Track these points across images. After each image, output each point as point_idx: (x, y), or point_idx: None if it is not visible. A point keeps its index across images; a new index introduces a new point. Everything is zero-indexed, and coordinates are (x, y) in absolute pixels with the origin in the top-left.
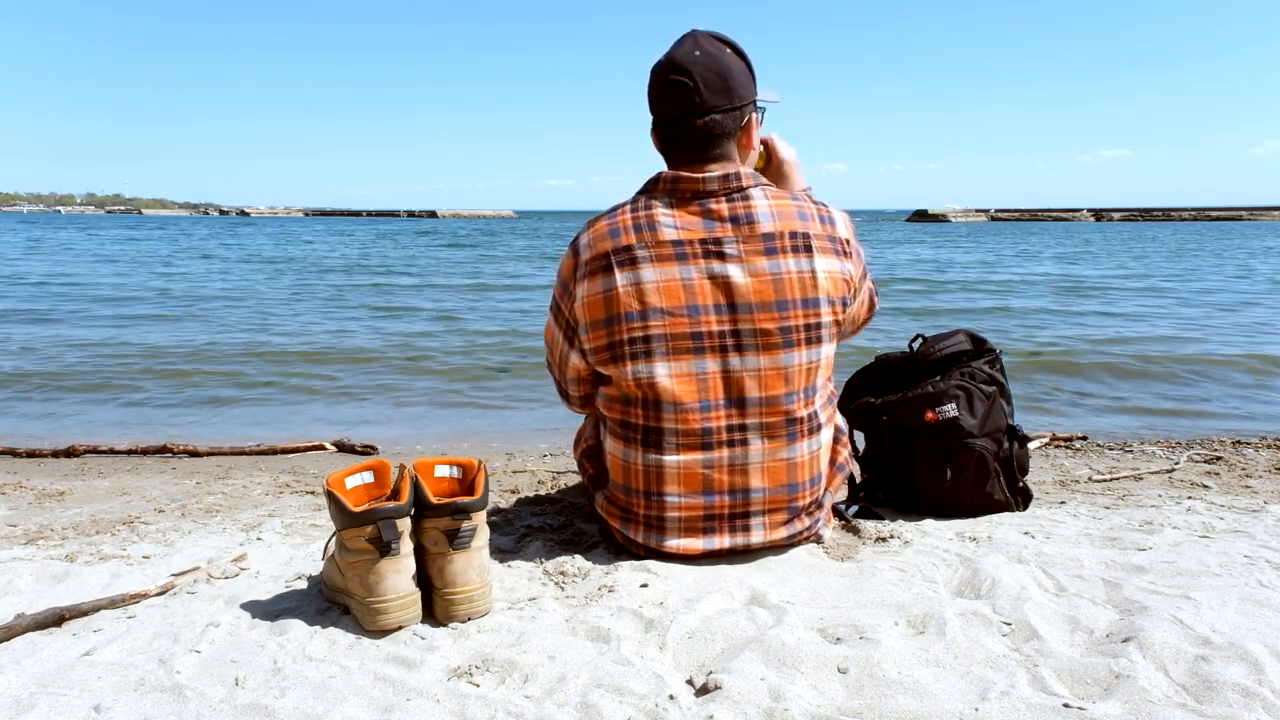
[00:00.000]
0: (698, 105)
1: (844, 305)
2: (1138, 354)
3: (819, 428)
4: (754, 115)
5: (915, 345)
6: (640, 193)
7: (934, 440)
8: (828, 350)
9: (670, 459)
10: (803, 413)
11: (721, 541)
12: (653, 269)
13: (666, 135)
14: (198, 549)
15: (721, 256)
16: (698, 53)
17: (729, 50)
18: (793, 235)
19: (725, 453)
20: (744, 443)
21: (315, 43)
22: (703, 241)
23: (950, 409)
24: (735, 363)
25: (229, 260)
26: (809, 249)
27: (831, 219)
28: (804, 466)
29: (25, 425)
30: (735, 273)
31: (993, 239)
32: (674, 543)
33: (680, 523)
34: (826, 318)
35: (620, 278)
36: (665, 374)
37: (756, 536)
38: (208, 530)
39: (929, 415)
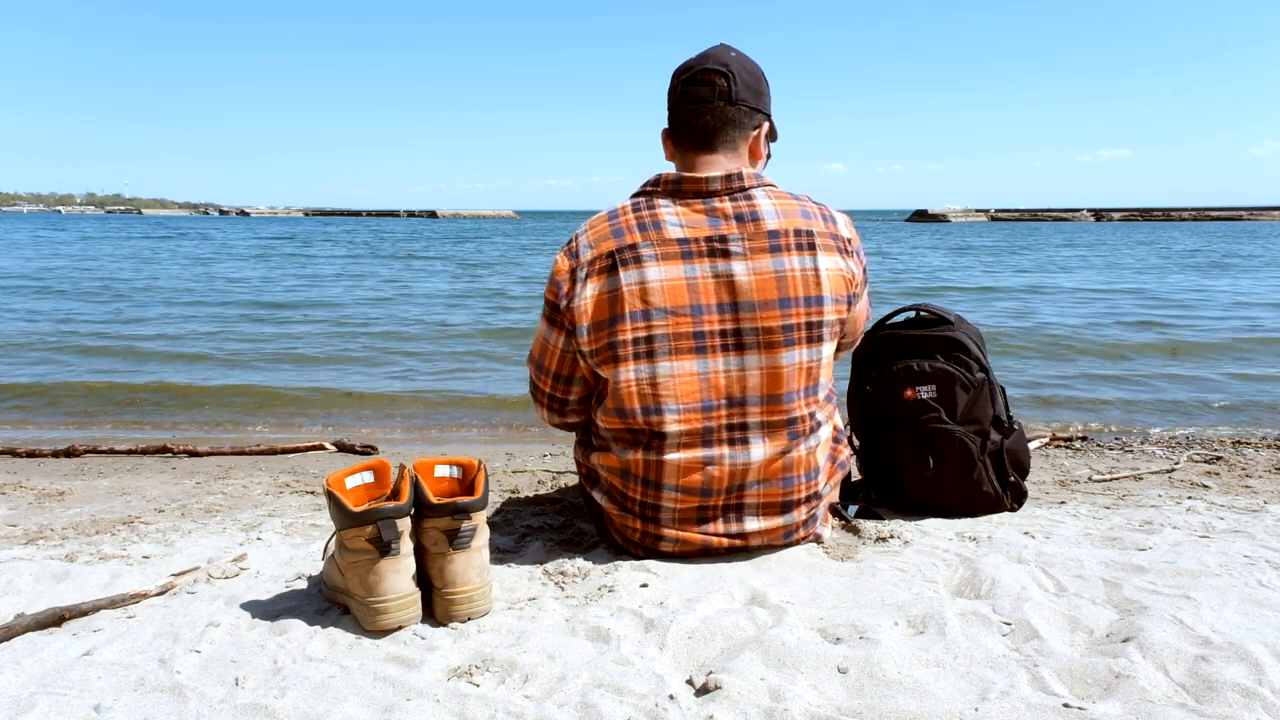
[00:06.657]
0: (730, 94)
1: (848, 304)
2: None
3: (818, 426)
4: (765, 129)
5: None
6: (639, 193)
7: (913, 430)
8: (828, 349)
9: (670, 457)
10: (803, 411)
11: (715, 528)
12: (658, 268)
13: (687, 125)
14: (198, 549)
15: (726, 255)
16: (734, 54)
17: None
18: (797, 233)
19: (726, 450)
20: (744, 441)
21: (316, 42)
22: (708, 239)
23: (927, 390)
24: (736, 362)
25: None
26: (813, 246)
27: (833, 219)
28: (800, 462)
29: None
30: (740, 270)
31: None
32: (670, 532)
33: (675, 514)
34: (830, 316)
35: (625, 277)
36: (668, 373)
37: (751, 525)
38: (208, 530)
39: (908, 393)
